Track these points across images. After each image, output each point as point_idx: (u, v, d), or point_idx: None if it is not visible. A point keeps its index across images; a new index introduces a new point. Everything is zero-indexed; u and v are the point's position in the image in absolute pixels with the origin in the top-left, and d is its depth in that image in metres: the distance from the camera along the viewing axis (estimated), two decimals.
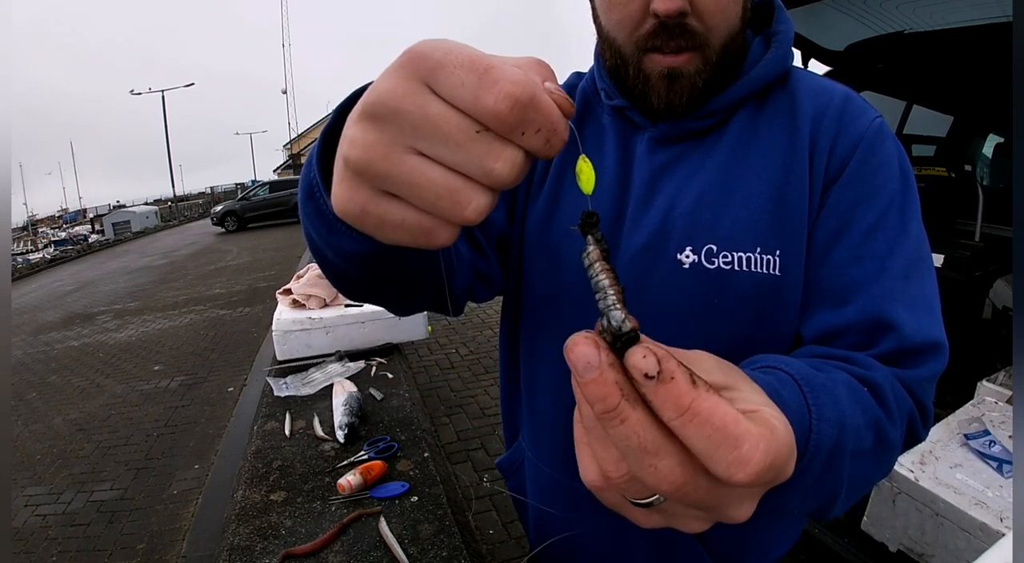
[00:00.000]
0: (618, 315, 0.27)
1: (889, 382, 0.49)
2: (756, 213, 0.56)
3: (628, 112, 0.63)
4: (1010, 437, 1.31)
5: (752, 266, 0.56)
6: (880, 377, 0.48)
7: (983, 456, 1.29)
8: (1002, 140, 3.19)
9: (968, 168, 2.76)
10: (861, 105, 0.59)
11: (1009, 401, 1.45)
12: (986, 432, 1.35)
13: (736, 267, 0.56)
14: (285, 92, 36.27)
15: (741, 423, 0.26)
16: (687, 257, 0.58)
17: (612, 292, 0.28)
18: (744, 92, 0.59)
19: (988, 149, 3.35)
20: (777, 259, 0.56)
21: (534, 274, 0.67)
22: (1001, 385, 1.51)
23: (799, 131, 0.58)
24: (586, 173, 0.31)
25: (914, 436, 0.53)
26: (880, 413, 0.46)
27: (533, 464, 0.75)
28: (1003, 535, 0.91)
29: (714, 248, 0.57)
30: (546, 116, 0.27)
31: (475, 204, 0.28)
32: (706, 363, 0.33)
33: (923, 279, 0.54)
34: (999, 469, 1.25)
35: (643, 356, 0.25)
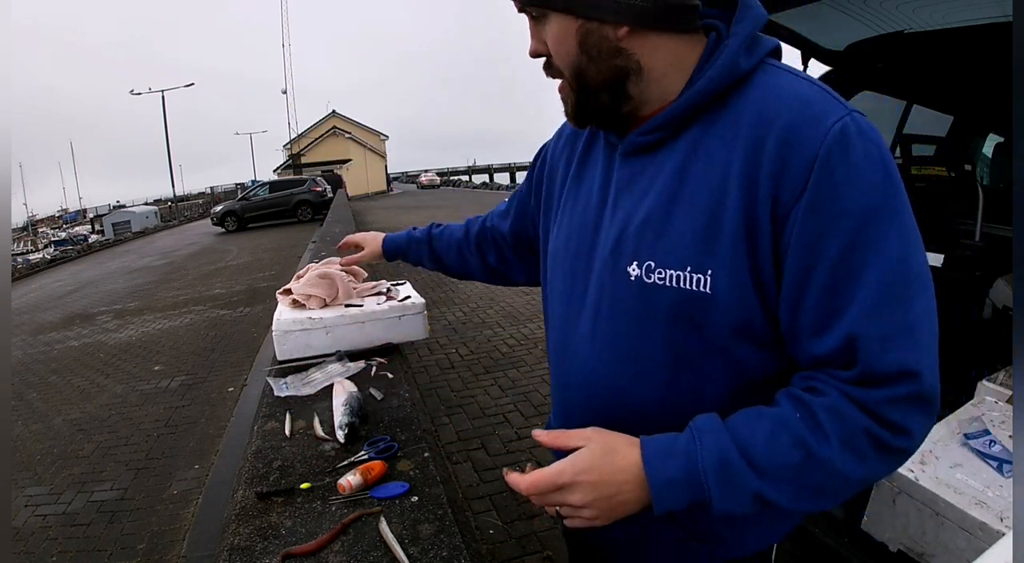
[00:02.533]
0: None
1: (831, 403, 0.56)
2: (690, 235, 0.61)
3: (604, 132, 0.73)
4: (1010, 437, 1.31)
5: (681, 283, 0.61)
6: (819, 402, 0.57)
7: (983, 456, 1.29)
8: (1002, 140, 3.19)
9: (968, 168, 2.76)
10: (819, 112, 0.56)
11: (1009, 401, 1.45)
12: (986, 432, 1.35)
13: (668, 283, 0.62)
14: (285, 92, 36.27)
15: (523, 478, 0.62)
16: (633, 271, 0.65)
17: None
18: (685, 107, 0.62)
19: (988, 149, 3.35)
20: (708, 278, 0.60)
21: (546, 272, 0.85)
22: (1001, 385, 1.51)
23: (734, 150, 0.59)
24: None
25: (883, 446, 0.56)
26: (805, 431, 0.56)
27: None
28: (1003, 535, 0.91)
29: (652, 264, 0.63)
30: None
31: None
32: (575, 440, 0.63)
33: (900, 303, 0.55)
34: (999, 469, 1.25)
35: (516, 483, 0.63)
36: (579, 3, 0.61)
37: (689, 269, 0.60)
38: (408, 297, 1.98)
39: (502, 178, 70.60)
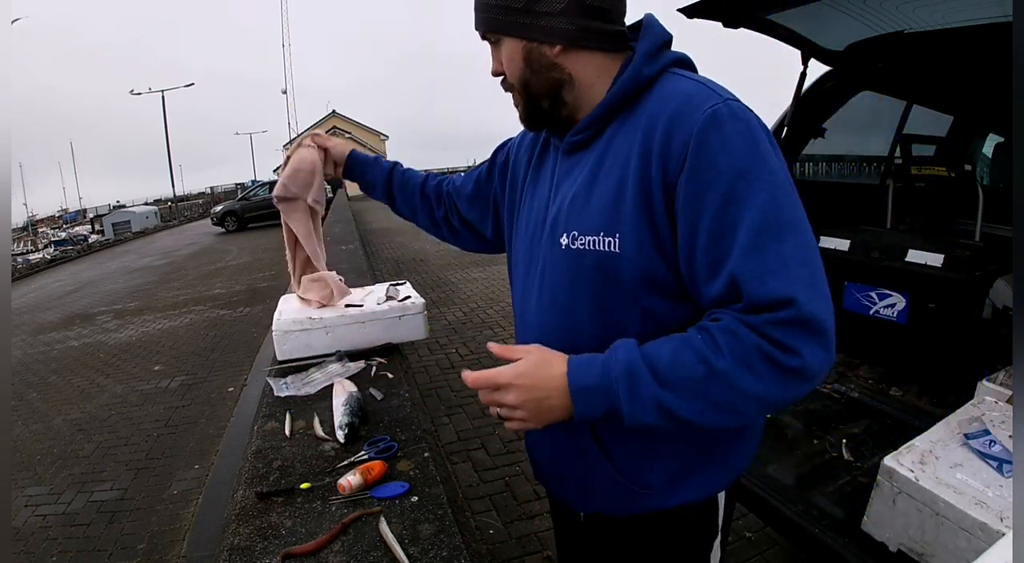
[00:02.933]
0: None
1: (725, 325, 0.67)
2: (599, 208, 0.76)
3: (551, 136, 0.90)
4: (1010, 437, 1.30)
5: (597, 246, 0.76)
6: (716, 325, 0.68)
7: (983, 456, 1.29)
8: (1002, 140, 3.19)
9: (968, 168, 2.76)
10: (697, 101, 0.70)
11: (1009, 401, 1.45)
12: (986, 432, 1.35)
13: (587, 247, 0.77)
14: (285, 92, 36.28)
15: (470, 374, 0.77)
16: (564, 240, 0.80)
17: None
18: (601, 109, 0.79)
19: (988, 149, 3.35)
20: (616, 240, 0.74)
21: (511, 260, 1.00)
22: (1001, 385, 1.51)
23: (635, 139, 0.74)
24: None
25: (775, 363, 0.65)
26: (703, 347, 0.67)
27: None
28: (1003, 535, 0.91)
29: (576, 233, 0.79)
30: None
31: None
32: (519, 352, 0.76)
33: (772, 243, 0.65)
34: (999, 469, 1.25)
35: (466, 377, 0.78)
36: (523, 28, 0.78)
37: (602, 234, 0.75)
38: (408, 297, 1.99)
39: None
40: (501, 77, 0.85)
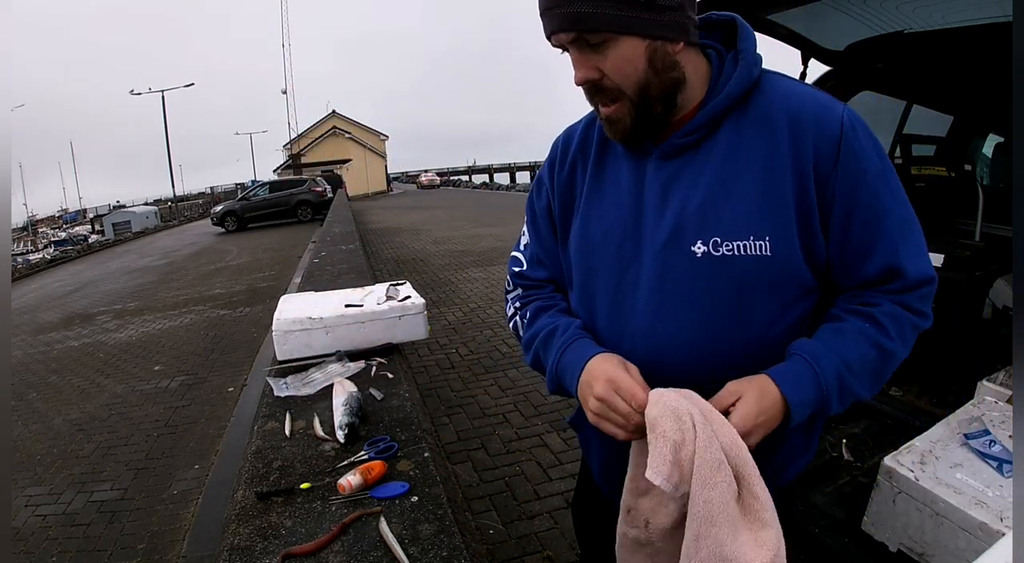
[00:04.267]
0: None
1: (887, 310, 0.77)
2: (746, 209, 0.74)
3: (630, 142, 0.81)
4: (1010, 437, 1.30)
5: (748, 250, 0.74)
6: (878, 311, 0.77)
7: (983, 456, 1.29)
8: (1002, 140, 3.19)
9: (968, 168, 2.76)
10: (828, 103, 0.75)
11: (1009, 401, 1.45)
12: (986, 432, 1.35)
13: (736, 252, 0.75)
14: (285, 92, 36.27)
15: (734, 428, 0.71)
16: (699, 249, 0.76)
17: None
18: (719, 108, 0.76)
19: (988, 149, 3.35)
20: (767, 243, 0.74)
21: (571, 260, 0.91)
22: (1001, 385, 1.51)
23: (777, 133, 0.74)
24: None
25: (917, 329, 0.79)
26: (878, 335, 0.76)
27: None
28: (1003, 535, 0.91)
29: (719, 240, 0.75)
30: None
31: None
32: (731, 396, 0.74)
33: (914, 232, 0.78)
34: (999, 469, 1.24)
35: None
36: (648, 25, 0.71)
37: (752, 237, 0.74)
38: (408, 297, 1.98)
39: (502, 178, 70.54)
40: (589, 84, 0.75)
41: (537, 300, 0.96)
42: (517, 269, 1.00)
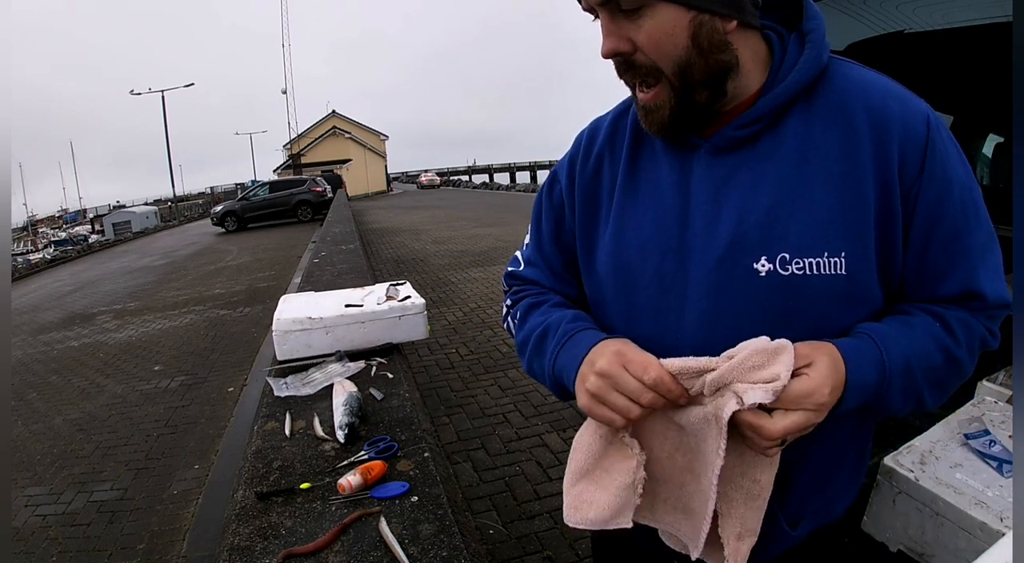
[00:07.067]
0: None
1: (960, 319, 0.67)
2: (821, 220, 0.63)
3: (671, 134, 0.69)
4: (1010, 437, 1.30)
5: (822, 269, 0.63)
6: (950, 315, 0.67)
7: (983, 456, 1.29)
8: (1002, 140, 3.19)
9: None
10: (910, 98, 0.65)
11: (1009, 401, 1.45)
12: (986, 432, 1.35)
13: (808, 272, 0.63)
14: (285, 92, 36.27)
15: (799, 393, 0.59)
16: (763, 266, 0.64)
17: None
18: (784, 97, 0.64)
19: (988, 149, 3.34)
20: (843, 261, 0.63)
21: (600, 277, 0.78)
22: (1001, 385, 1.51)
23: (856, 132, 0.63)
24: None
25: (985, 345, 0.71)
26: (948, 340, 0.66)
27: None
28: (1003, 535, 0.91)
29: (787, 256, 0.63)
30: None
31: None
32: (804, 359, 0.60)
33: (995, 251, 0.70)
34: (999, 469, 1.24)
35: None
36: None
37: (827, 254, 0.63)
38: (408, 297, 1.99)
39: (502, 178, 70.51)
40: (620, 58, 0.64)
41: (527, 296, 0.86)
42: (511, 268, 0.92)
